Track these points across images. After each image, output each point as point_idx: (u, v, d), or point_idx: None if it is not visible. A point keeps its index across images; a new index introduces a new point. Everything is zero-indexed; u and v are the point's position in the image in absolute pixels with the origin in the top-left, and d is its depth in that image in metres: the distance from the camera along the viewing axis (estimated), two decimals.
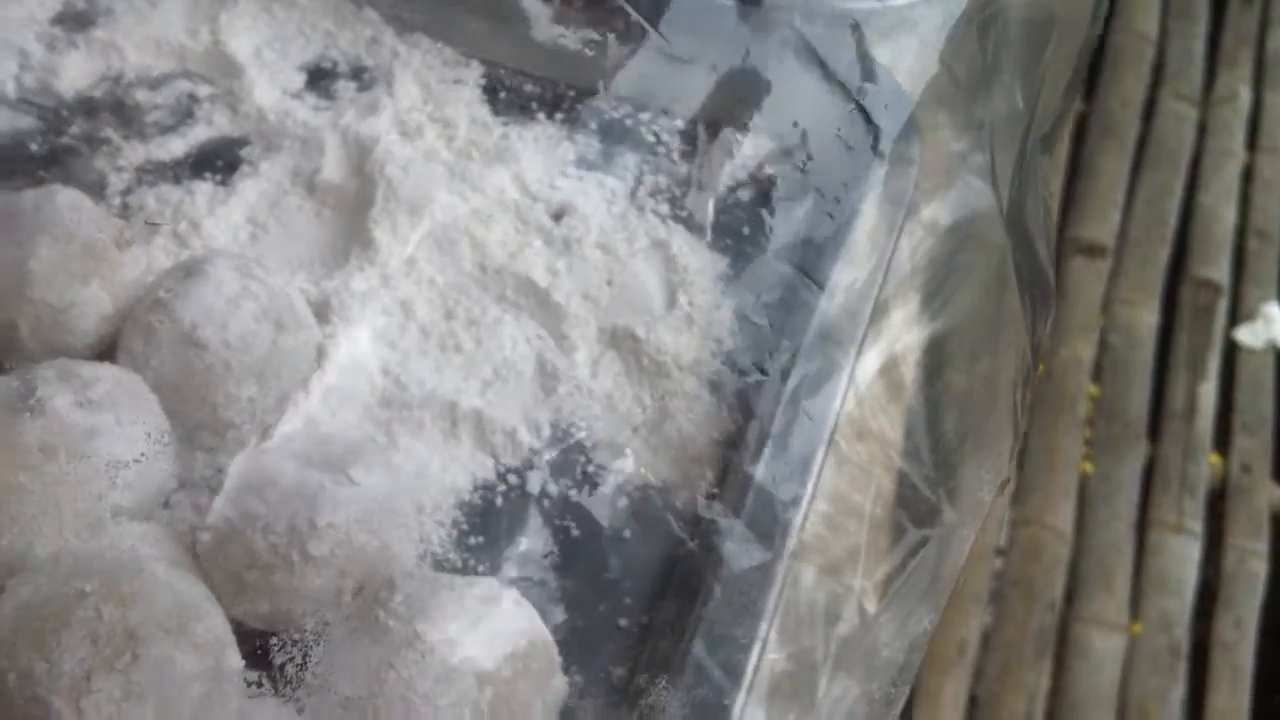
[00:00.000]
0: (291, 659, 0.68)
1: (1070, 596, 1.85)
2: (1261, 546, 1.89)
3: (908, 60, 0.88)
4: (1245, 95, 2.36)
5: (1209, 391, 2.05)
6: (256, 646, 0.69)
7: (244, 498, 0.70)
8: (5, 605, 0.62)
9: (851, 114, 0.86)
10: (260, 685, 0.67)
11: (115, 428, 0.70)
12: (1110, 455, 1.97)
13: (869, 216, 0.82)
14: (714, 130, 0.91)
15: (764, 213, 0.88)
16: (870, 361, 0.78)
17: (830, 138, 0.89)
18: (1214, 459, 1.99)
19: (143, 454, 0.71)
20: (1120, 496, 1.93)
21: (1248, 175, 2.27)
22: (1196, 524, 1.90)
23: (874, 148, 0.82)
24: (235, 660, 0.64)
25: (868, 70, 0.89)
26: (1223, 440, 2.01)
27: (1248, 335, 2.10)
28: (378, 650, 0.66)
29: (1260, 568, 1.88)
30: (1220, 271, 2.16)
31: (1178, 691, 1.77)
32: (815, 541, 0.74)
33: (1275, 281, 2.16)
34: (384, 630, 0.66)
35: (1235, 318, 2.13)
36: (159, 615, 0.62)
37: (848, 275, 0.80)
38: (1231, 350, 2.09)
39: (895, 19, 0.94)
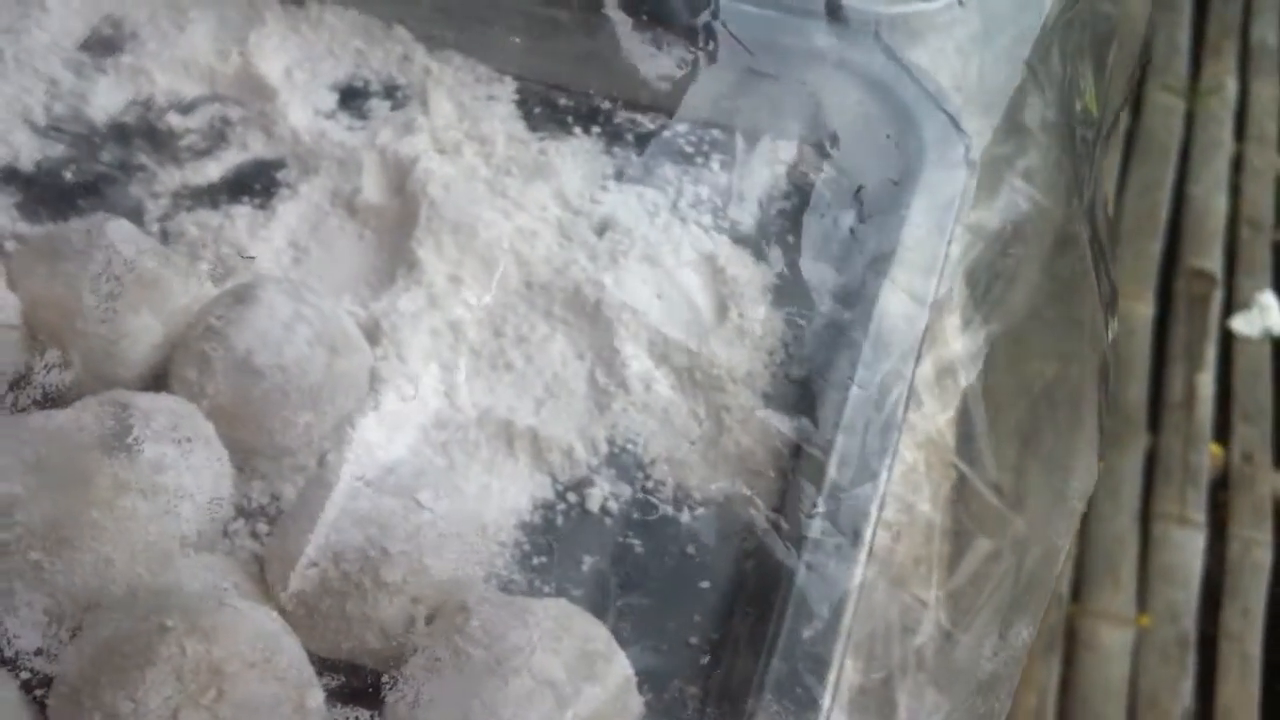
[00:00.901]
0: (370, 689, 0.67)
1: (1077, 591, 1.85)
2: (1265, 535, 1.90)
3: (947, 64, 0.88)
4: (1231, 86, 2.37)
5: (1207, 382, 2.06)
6: (332, 678, 0.68)
7: (310, 525, 0.69)
8: (85, 643, 0.61)
9: (898, 117, 0.86)
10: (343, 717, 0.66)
11: (179, 459, 0.69)
12: (1112, 449, 1.98)
13: (918, 223, 0.82)
14: (753, 139, 0.91)
15: (809, 221, 0.87)
16: (928, 368, 0.77)
17: (871, 143, 0.88)
18: (1215, 449, 2.00)
19: (204, 484, 0.70)
20: (1124, 489, 1.94)
21: (1237, 165, 2.29)
22: (1200, 515, 1.91)
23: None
24: (318, 694, 0.64)
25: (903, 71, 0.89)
26: (1223, 430, 2.02)
27: (1243, 324, 2.11)
28: (460, 679, 0.65)
29: (1265, 556, 1.89)
30: (1214, 262, 2.17)
31: (1187, 683, 1.78)
32: (883, 553, 0.73)
33: (1269, 270, 2.17)
34: (465, 658, 0.66)
35: (1230, 307, 2.13)
36: (242, 649, 0.61)
37: (901, 282, 0.79)
38: (1228, 340, 2.10)
39: (925, 24, 0.93)
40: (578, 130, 0.93)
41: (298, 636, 0.67)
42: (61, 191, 0.86)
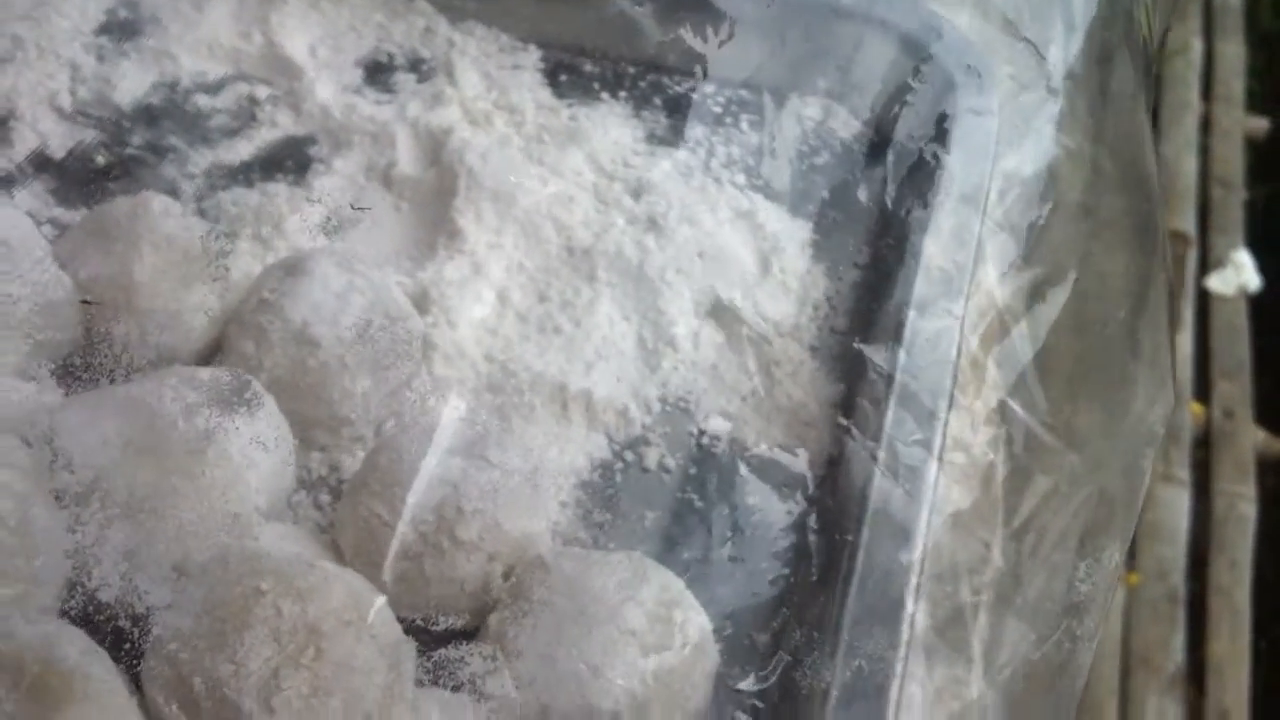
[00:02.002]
0: (454, 646, 0.67)
1: None
2: (1249, 489, 1.92)
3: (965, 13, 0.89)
4: (1197, 46, 2.39)
5: (1185, 341, 2.08)
6: (413, 637, 0.68)
7: (385, 490, 0.69)
8: (178, 609, 0.61)
9: (922, 68, 0.87)
10: (429, 675, 0.66)
11: (245, 430, 0.69)
12: None
13: (954, 171, 0.83)
14: (781, 98, 0.91)
15: (844, 174, 0.88)
16: (975, 313, 0.78)
17: (899, 94, 0.89)
18: (1195, 407, 2.01)
19: (269, 455, 0.70)
20: None
21: (1205, 126, 2.31)
22: (1184, 472, 1.92)
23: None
24: (410, 651, 0.64)
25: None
26: (1202, 388, 2.04)
27: (1218, 283, 2.13)
28: (544, 631, 0.65)
29: (1250, 510, 1.90)
30: (1187, 222, 2.19)
31: (1179, 639, 1.79)
32: (943, 495, 0.74)
33: (1241, 228, 2.19)
34: (547, 610, 0.66)
35: (1205, 266, 2.15)
36: (337, 609, 0.62)
37: (943, 229, 0.80)
38: (1204, 299, 2.12)
39: None
40: (605, 96, 0.93)
41: None
42: (94, 175, 0.86)
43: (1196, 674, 1.75)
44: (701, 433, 0.79)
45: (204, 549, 0.64)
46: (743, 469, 0.78)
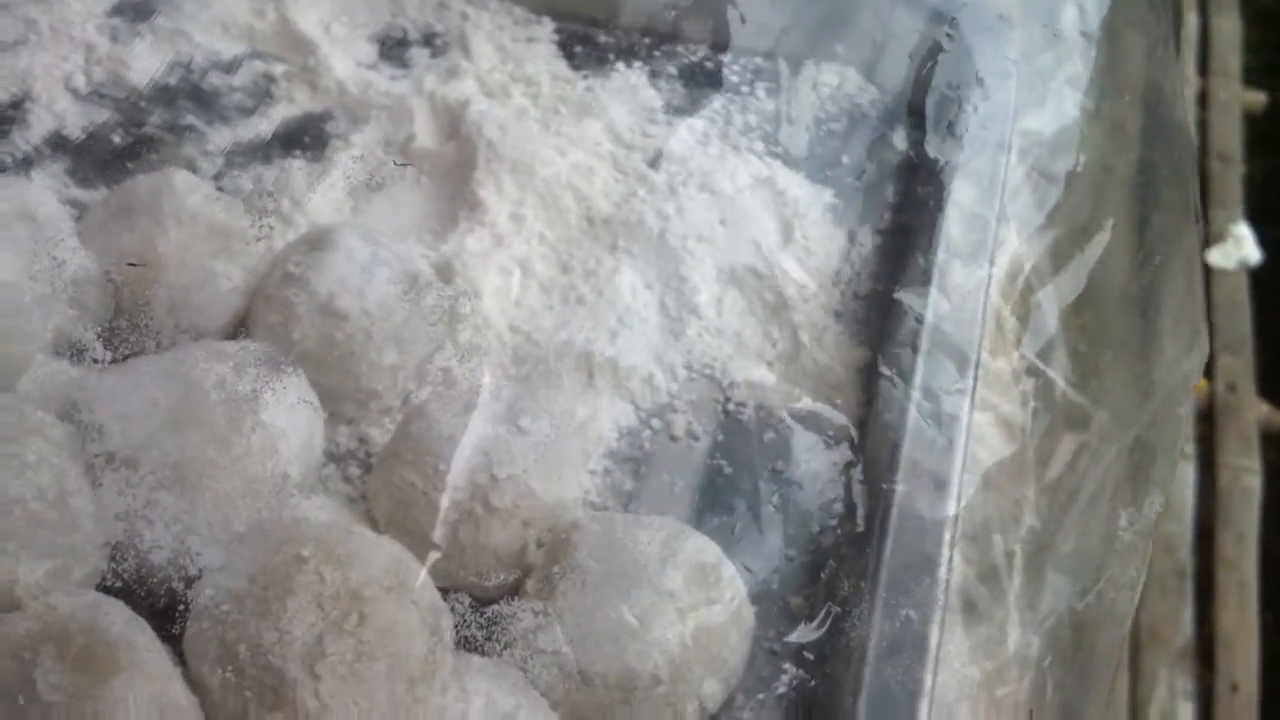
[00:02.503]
0: (491, 614, 0.67)
1: None
2: (1254, 463, 1.92)
3: None
4: (1193, 21, 2.39)
5: None
6: (450, 606, 0.68)
7: (419, 458, 0.69)
8: (220, 577, 0.61)
9: (940, 30, 0.87)
10: (482, 630, 0.66)
11: (276, 403, 0.69)
12: None
13: (975, 133, 0.83)
14: (796, 65, 0.91)
15: (862, 140, 0.88)
16: (1001, 271, 0.78)
17: (918, 57, 0.89)
18: (1199, 383, 2.01)
19: (300, 426, 0.70)
20: None
21: (1203, 100, 2.31)
22: (1189, 446, 1.92)
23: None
24: (449, 619, 0.64)
25: None
26: (1206, 362, 2.03)
27: (1219, 257, 2.13)
28: (582, 595, 0.65)
29: (1255, 483, 1.90)
30: None
31: (1187, 613, 1.79)
32: (973, 456, 0.74)
33: (1241, 202, 2.19)
34: (585, 574, 0.66)
35: (1206, 240, 2.15)
36: (378, 575, 0.61)
37: (965, 190, 0.80)
38: (1205, 273, 2.12)
39: None
40: (620, 66, 0.93)
41: None
42: (112, 155, 0.85)
43: (1205, 648, 1.74)
44: (728, 399, 0.79)
45: (242, 518, 0.64)
46: (770, 434, 0.78)
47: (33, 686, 0.55)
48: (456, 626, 0.65)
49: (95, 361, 0.71)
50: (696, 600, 0.66)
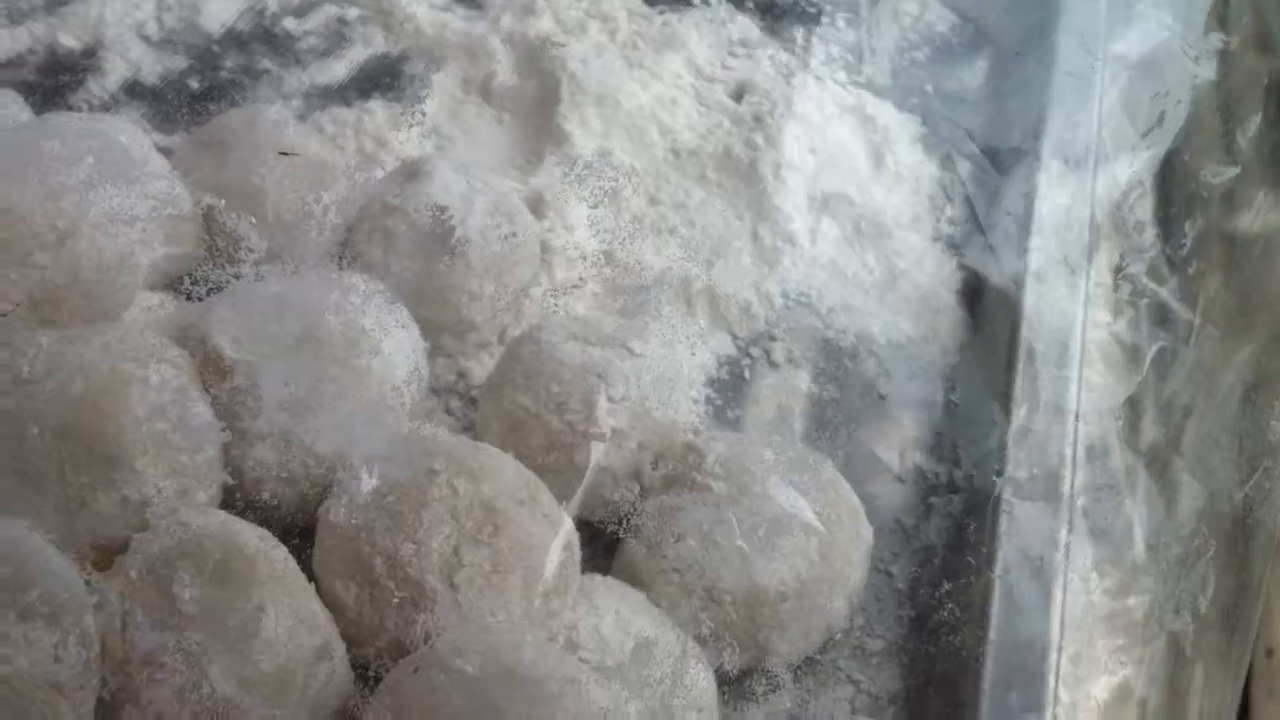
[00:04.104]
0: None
1: None
2: None
3: None
4: None
5: None
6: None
7: (529, 381, 0.68)
8: (349, 495, 0.60)
9: None
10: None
11: (386, 331, 0.68)
12: None
13: (1063, 56, 0.82)
14: None
15: (946, 67, 0.87)
16: (1103, 191, 0.77)
17: None
18: None
19: (406, 353, 0.69)
20: None
21: None
22: None
23: None
24: (575, 533, 0.63)
25: None
26: None
27: None
28: (705, 513, 0.64)
29: None
30: None
31: None
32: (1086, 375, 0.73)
33: None
34: (706, 493, 0.65)
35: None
36: (509, 487, 0.61)
37: (1058, 116, 0.79)
38: None
39: None
40: (696, 1, 0.92)
41: None
42: (190, 99, 0.84)
43: None
44: (827, 325, 0.78)
45: (365, 437, 0.63)
46: (872, 361, 0.77)
47: (172, 601, 0.54)
48: None
49: (193, 295, 0.70)
50: (818, 514, 0.65)
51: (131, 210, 0.69)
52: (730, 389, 0.75)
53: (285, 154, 0.69)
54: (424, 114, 0.83)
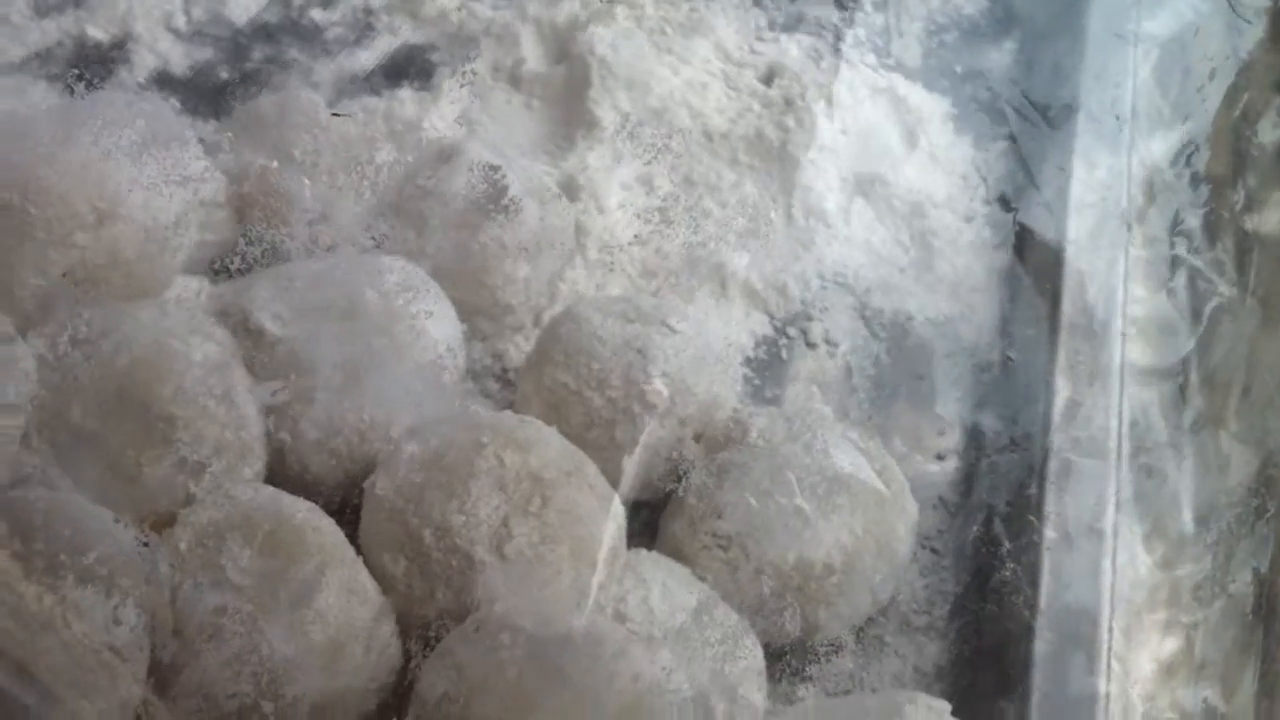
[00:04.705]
0: (652, 509, 0.66)
1: None
2: None
3: None
4: None
5: None
6: None
7: (570, 359, 0.67)
8: (396, 467, 0.60)
9: None
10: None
11: (424, 308, 0.68)
12: None
13: (1093, 35, 0.82)
14: None
15: (974, 49, 0.87)
16: (1138, 165, 0.77)
17: None
18: None
19: (443, 333, 0.68)
20: None
21: None
22: None
23: None
24: (620, 505, 0.62)
25: None
26: None
27: None
28: (747, 488, 0.64)
29: None
30: None
31: None
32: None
33: None
34: (749, 466, 0.64)
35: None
36: (556, 459, 0.60)
37: (1092, 91, 0.79)
38: None
39: None
40: None
41: None
42: (220, 89, 0.84)
43: None
44: (864, 305, 0.78)
45: (408, 411, 0.63)
46: (910, 340, 0.77)
47: (222, 572, 0.53)
48: None
49: (229, 276, 0.69)
50: (864, 491, 0.65)
51: (170, 192, 0.68)
52: (768, 369, 0.75)
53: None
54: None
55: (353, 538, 0.59)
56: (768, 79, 0.86)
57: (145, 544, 0.52)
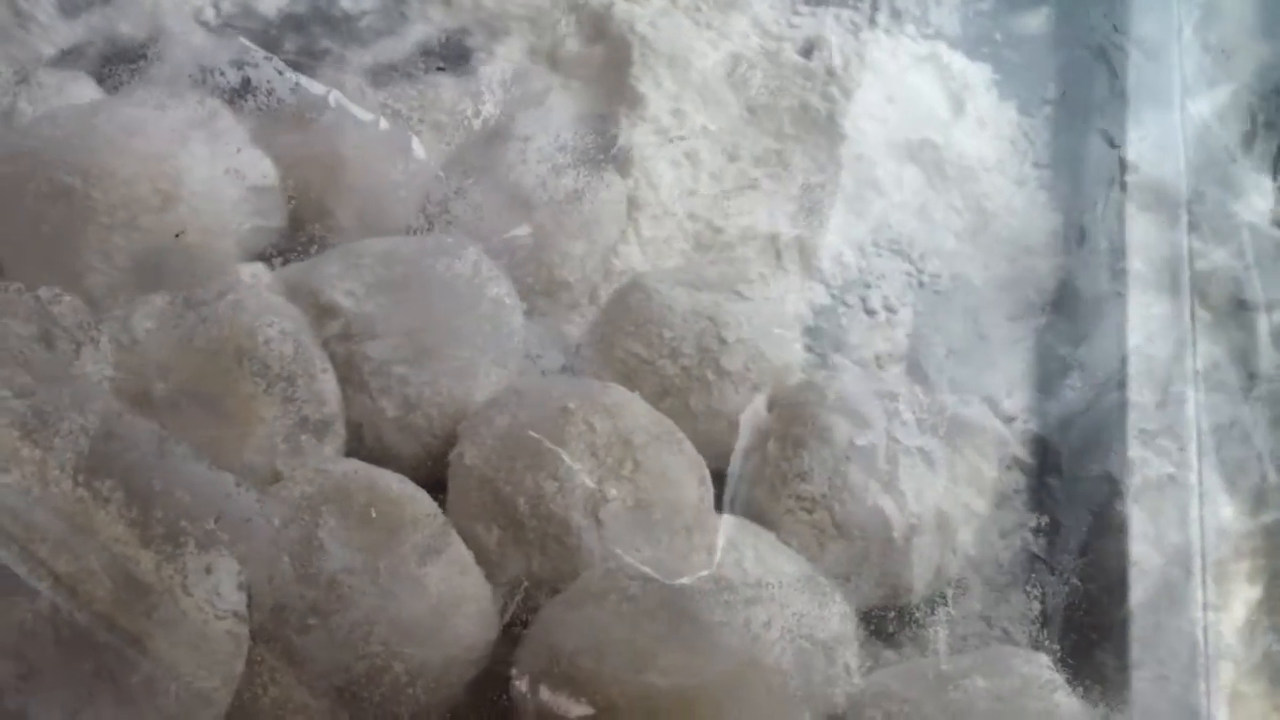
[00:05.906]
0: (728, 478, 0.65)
1: None
2: None
3: None
4: None
5: None
6: None
7: (640, 328, 0.66)
8: (482, 437, 0.59)
9: None
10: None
11: (491, 280, 0.67)
12: None
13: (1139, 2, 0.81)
14: None
15: (1012, 17, 0.87)
16: (1192, 125, 0.76)
17: None
18: None
19: (505, 312, 0.68)
20: None
21: None
22: None
23: None
24: (707, 470, 0.61)
25: None
26: None
27: None
28: (828, 454, 0.63)
29: None
30: None
31: None
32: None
33: None
34: (828, 431, 0.64)
35: None
36: (644, 423, 0.59)
37: (1136, 53, 0.79)
38: None
39: None
40: None
41: None
42: (253, 82, 0.82)
43: None
44: (921, 270, 0.77)
45: (487, 382, 0.62)
46: (972, 300, 0.76)
47: (320, 545, 0.52)
48: None
49: (285, 262, 0.68)
50: (944, 452, 0.64)
51: (228, 178, 0.67)
52: (828, 337, 0.74)
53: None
54: (488, 85, 0.81)
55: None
56: (807, 51, 0.85)
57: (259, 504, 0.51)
